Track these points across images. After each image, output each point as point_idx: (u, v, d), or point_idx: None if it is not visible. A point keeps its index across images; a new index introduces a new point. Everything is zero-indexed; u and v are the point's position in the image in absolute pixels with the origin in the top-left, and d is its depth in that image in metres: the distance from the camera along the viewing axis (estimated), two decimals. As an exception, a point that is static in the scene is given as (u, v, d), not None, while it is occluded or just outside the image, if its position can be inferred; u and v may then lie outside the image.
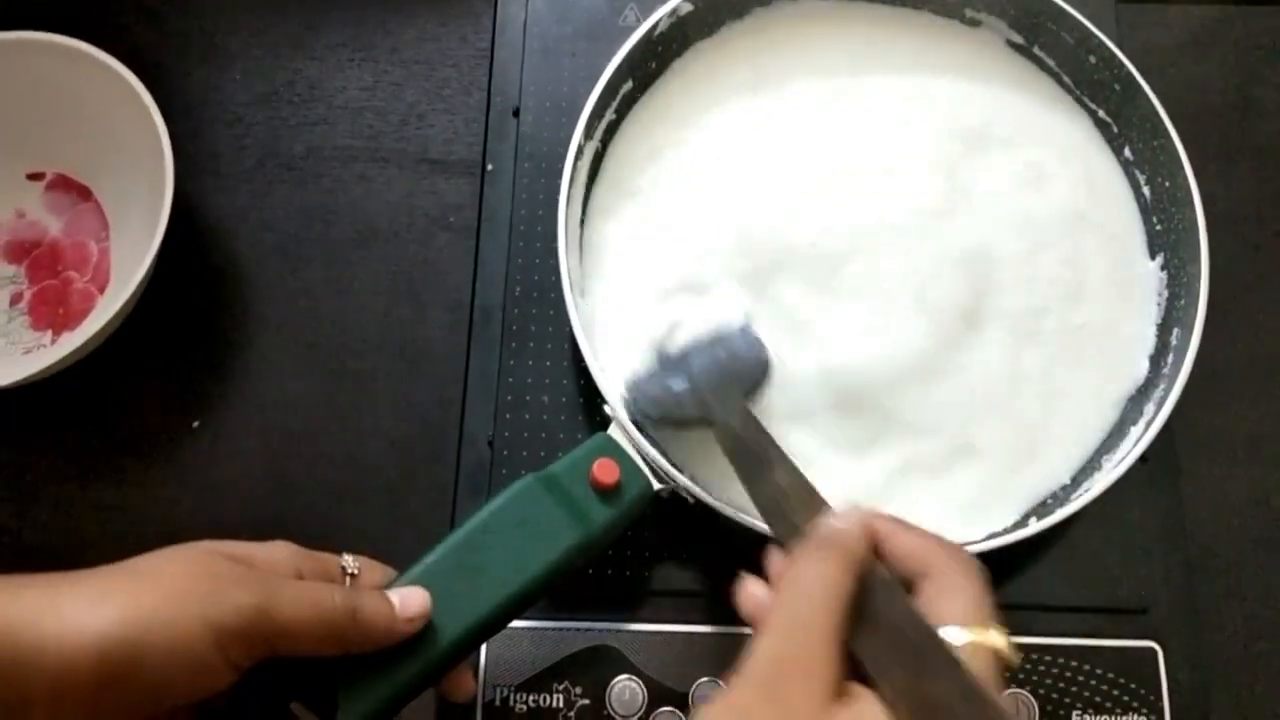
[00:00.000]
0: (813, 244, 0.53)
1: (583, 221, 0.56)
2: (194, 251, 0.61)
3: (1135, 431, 0.50)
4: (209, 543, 0.39)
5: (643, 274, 0.55)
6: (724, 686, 0.33)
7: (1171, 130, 0.54)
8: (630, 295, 0.54)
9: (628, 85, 0.57)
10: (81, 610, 0.34)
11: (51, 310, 0.60)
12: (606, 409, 0.48)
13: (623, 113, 0.58)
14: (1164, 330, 0.53)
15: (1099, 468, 0.50)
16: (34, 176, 0.62)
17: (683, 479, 0.47)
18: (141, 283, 0.54)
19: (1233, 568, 0.56)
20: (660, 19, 0.56)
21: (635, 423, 0.47)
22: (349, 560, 0.42)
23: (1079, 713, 0.50)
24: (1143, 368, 0.53)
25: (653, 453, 0.46)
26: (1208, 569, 0.55)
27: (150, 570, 0.36)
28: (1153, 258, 0.56)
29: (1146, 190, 0.57)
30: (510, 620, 0.43)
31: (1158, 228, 0.56)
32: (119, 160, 0.59)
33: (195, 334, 0.60)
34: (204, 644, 0.34)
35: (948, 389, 0.52)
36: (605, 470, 0.45)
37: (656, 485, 0.47)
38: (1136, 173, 0.57)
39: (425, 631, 0.40)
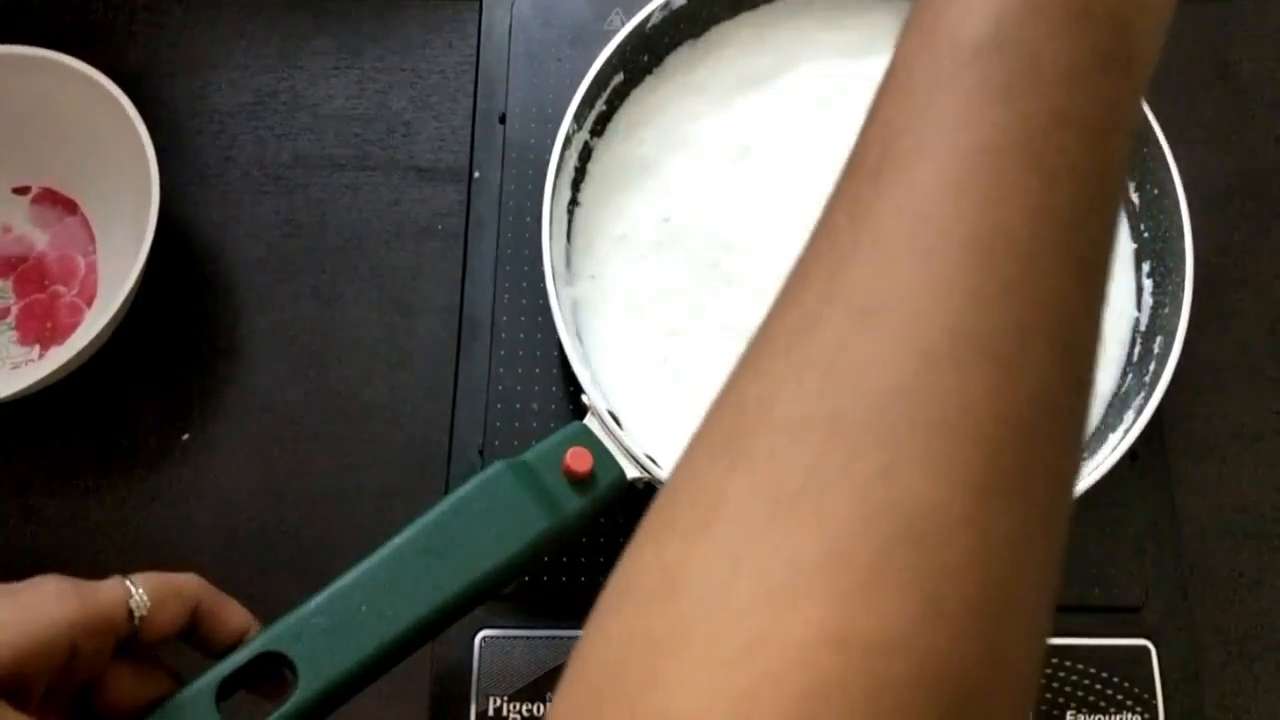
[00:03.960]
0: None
1: (574, 214, 0.56)
2: (181, 263, 0.61)
3: (1114, 439, 0.50)
4: None
5: (632, 265, 0.55)
6: None
7: (1161, 136, 0.54)
8: (618, 288, 0.55)
9: (617, 78, 0.57)
10: None
11: (39, 324, 0.59)
12: (584, 399, 0.48)
13: (614, 105, 0.58)
14: (1147, 338, 0.53)
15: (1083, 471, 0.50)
16: (19, 190, 0.62)
17: (658, 471, 0.47)
18: (129, 295, 0.54)
19: (1226, 565, 0.56)
20: (653, 12, 0.56)
21: None
22: (137, 599, 0.38)
23: (1073, 712, 0.50)
24: (1124, 374, 0.54)
25: (628, 442, 0.47)
26: (1201, 566, 0.55)
27: None
28: (1139, 264, 0.56)
29: (1135, 197, 0.56)
30: (477, 604, 0.43)
31: (1145, 235, 0.56)
32: (105, 173, 0.59)
33: (184, 346, 0.59)
34: None
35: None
36: (578, 459, 0.45)
37: (632, 474, 0.47)
38: (1125, 180, 0.57)
39: (388, 612, 0.40)
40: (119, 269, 0.58)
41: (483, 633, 0.50)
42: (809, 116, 0.58)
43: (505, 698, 0.49)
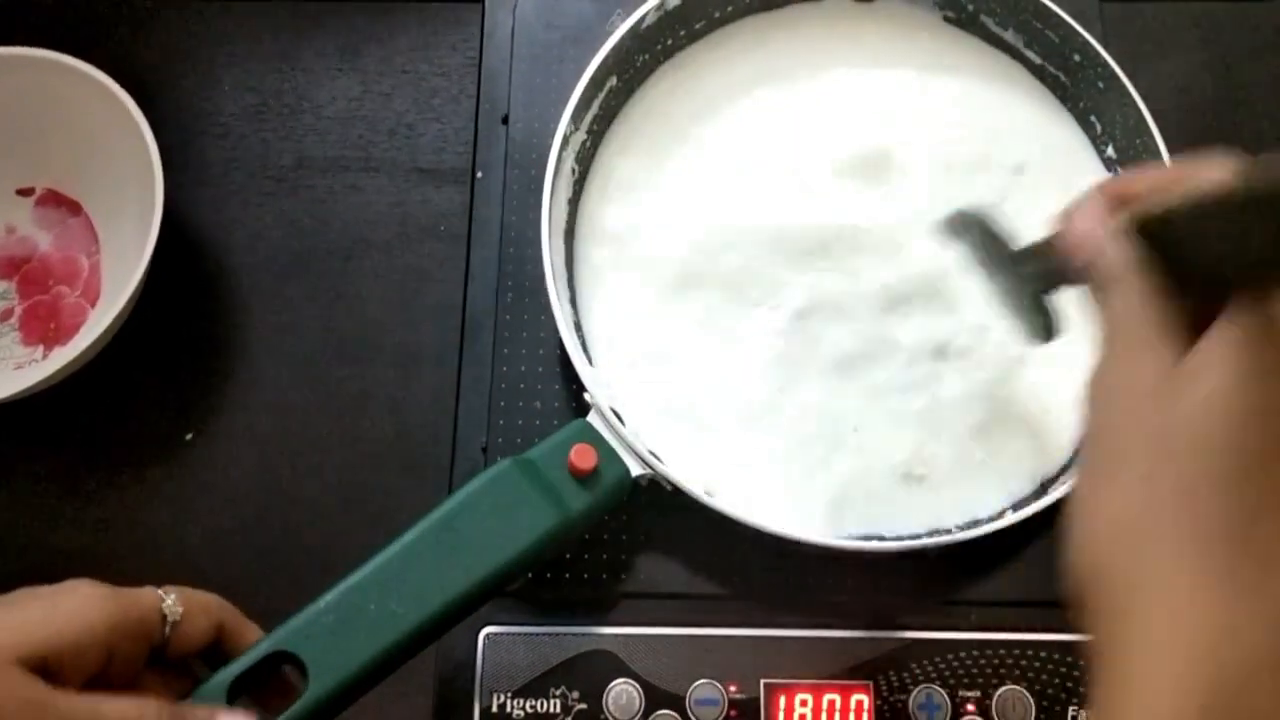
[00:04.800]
0: (810, 240, 0.55)
1: (574, 214, 0.56)
2: (185, 264, 0.61)
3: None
4: (9, 647, 0.34)
5: (631, 263, 0.55)
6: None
7: (1154, 128, 0.54)
8: (619, 285, 0.55)
9: (613, 80, 0.57)
10: None
11: (43, 325, 0.60)
12: (586, 396, 0.48)
13: (613, 106, 0.58)
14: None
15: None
16: (23, 192, 0.62)
17: (661, 466, 0.47)
18: (133, 296, 0.54)
19: (1226, 561, 0.56)
20: (647, 12, 0.56)
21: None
22: (170, 604, 0.38)
23: (1075, 708, 0.50)
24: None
25: (631, 439, 0.47)
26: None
27: None
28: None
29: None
30: (485, 601, 0.43)
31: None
32: (108, 174, 0.59)
33: (187, 346, 0.60)
34: None
35: (936, 379, 0.52)
36: (583, 456, 0.46)
37: (636, 471, 0.47)
38: (1119, 170, 0.57)
39: (397, 610, 0.40)
40: (122, 270, 0.58)
41: (486, 629, 0.50)
42: (805, 122, 0.58)
43: (509, 694, 0.49)
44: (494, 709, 0.49)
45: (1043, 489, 0.51)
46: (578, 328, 0.53)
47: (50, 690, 0.34)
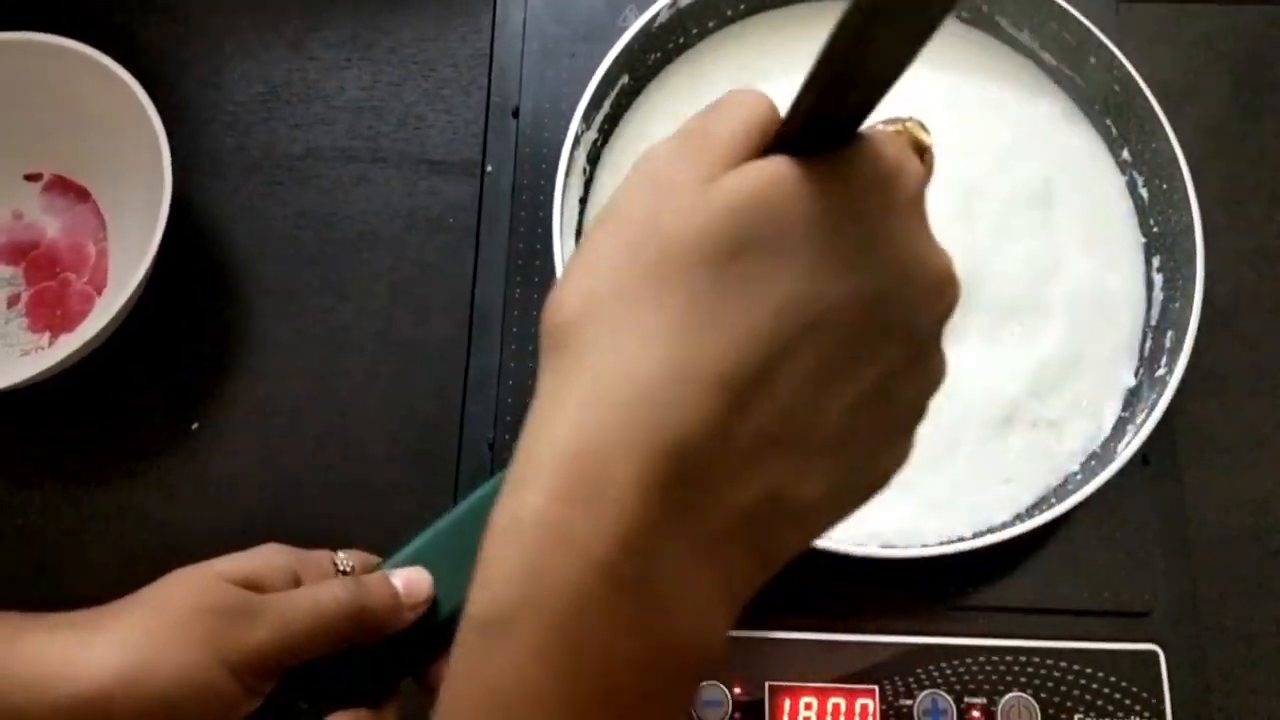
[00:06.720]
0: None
1: (584, 213, 0.56)
2: (192, 252, 0.61)
3: (1129, 431, 0.50)
4: (209, 567, 0.38)
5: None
6: None
7: (1170, 132, 0.54)
8: None
9: (625, 79, 0.57)
10: (87, 651, 0.34)
11: (49, 312, 0.59)
12: None
13: (624, 104, 0.58)
14: (1159, 332, 0.54)
15: (1095, 472, 0.50)
16: (31, 177, 0.62)
17: None
18: (140, 284, 0.54)
19: (1234, 571, 0.56)
20: (660, 9, 0.56)
21: None
22: (342, 558, 0.41)
23: (1080, 716, 0.50)
24: (1136, 370, 0.54)
25: None
26: (1209, 572, 0.55)
27: (158, 602, 0.37)
28: (1149, 259, 0.56)
29: (1144, 192, 0.57)
30: None
31: (1155, 230, 0.56)
32: (117, 161, 0.59)
33: (194, 336, 0.59)
34: (220, 679, 0.35)
35: (951, 396, 0.52)
36: None
37: None
38: (1135, 174, 0.57)
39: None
40: (130, 257, 0.57)
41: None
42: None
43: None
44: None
45: (1052, 498, 0.51)
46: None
47: (254, 594, 0.37)
